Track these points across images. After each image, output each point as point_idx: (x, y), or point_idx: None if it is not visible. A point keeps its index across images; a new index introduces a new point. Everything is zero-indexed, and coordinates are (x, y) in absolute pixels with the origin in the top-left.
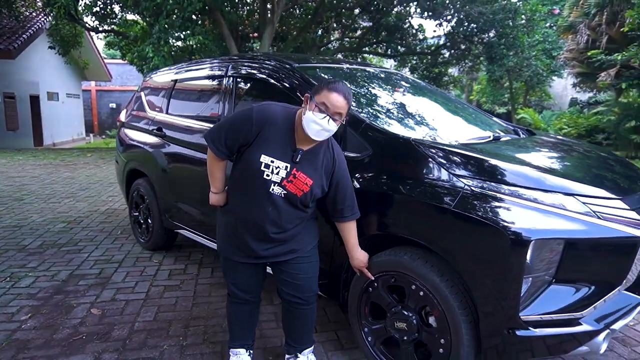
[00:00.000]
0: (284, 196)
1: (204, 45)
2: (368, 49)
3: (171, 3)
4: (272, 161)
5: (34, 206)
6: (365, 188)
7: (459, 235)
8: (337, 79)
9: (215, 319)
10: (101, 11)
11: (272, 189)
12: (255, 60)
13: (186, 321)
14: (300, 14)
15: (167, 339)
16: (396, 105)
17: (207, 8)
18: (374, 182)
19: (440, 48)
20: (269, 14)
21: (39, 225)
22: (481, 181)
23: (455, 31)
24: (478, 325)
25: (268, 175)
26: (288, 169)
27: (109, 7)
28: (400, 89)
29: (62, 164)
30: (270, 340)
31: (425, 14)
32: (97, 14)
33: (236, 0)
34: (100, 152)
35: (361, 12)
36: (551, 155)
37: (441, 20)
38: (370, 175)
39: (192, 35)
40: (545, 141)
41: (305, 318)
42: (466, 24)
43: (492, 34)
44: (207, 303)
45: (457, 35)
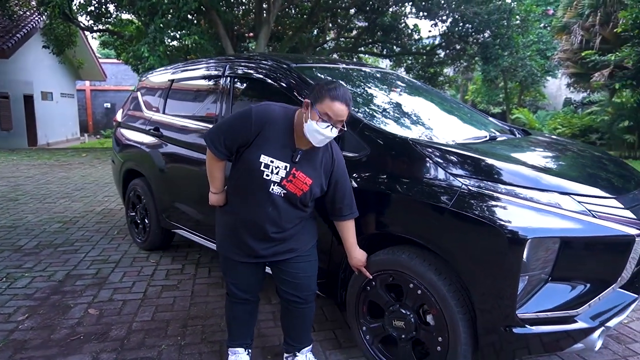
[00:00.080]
0: (283, 196)
1: (200, 45)
2: (364, 49)
3: (167, 2)
4: (272, 161)
5: (29, 206)
6: (363, 187)
7: (456, 234)
8: (337, 83)
9: (213, 319)
10: (96, 10)
11: (272, 189)
12: (252, 60)
13: (184, 321)
14: (296, 14)
15: (165, 339)
16: (393, 105)
17: (203, 8)
18: (371, 182)
19: (435, 48)
20: (265, 13)
21: (35, 225)
22: (478, 180)
23: (450, 31)
24: (475, 323)
25: (268, 175)
26: (288, 169)
27: (104, 7)
28: (396, 89)
29: (57, 164)
30: (268, 339)
31: (421, 14)
32: (92, 13)
33: (232, 0)
34: (95, 152)
35: (357, 12)
36: (546, 155)
37: (436, 20)
38: (368, 174)
39: (188, 35)
40: (540, 141)
41: (304, 317)
42: (461, 24)
43: (487, 34)
44: (205, 303)
45: (453, 35)
